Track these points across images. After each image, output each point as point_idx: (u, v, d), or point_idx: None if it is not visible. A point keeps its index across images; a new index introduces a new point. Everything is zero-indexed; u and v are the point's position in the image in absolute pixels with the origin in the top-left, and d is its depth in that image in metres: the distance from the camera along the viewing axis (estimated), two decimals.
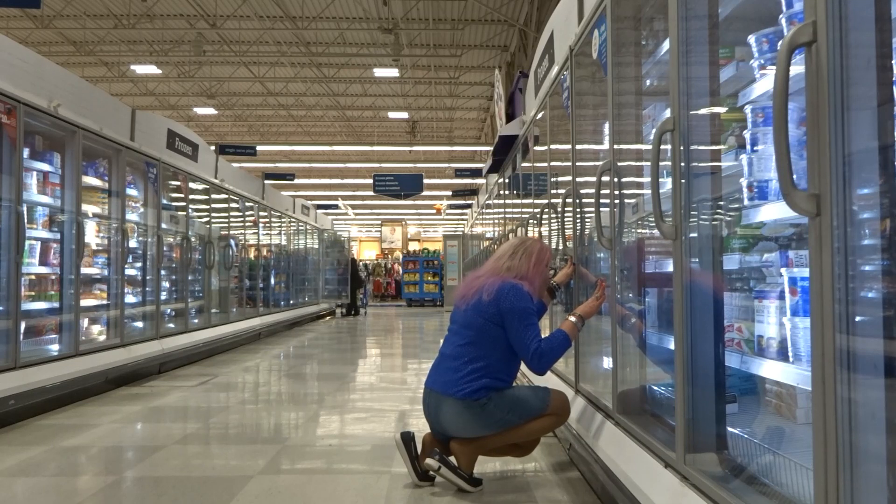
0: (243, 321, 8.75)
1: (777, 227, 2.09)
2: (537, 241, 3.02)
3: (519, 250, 2.91)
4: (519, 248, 2.93)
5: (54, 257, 4.73)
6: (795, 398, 1.98)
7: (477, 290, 2.76)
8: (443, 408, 2.68)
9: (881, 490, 1.15)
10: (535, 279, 2.87)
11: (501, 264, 2.88)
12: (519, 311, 2.66)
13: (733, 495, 1.59)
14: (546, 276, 3.01)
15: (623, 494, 2.12)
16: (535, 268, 2.87)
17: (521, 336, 2.66)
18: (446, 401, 2.66)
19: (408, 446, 2.74)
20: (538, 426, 2.72)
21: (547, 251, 2.99)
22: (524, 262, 2.86)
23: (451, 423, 2.68)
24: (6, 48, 4.15)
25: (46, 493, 2.71)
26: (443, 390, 2.68)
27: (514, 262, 2.87)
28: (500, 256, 2.93)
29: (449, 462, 2.64)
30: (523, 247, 2.93)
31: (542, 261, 2.92)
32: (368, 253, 32.50)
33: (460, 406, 2.63)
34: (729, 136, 2.17)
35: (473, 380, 2.63)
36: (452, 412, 2.65)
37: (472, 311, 2.73)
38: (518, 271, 2.84)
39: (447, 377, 2.69)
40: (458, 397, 2.63)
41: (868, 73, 1.18)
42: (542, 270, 2.93)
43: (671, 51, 1.94)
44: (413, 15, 13.37)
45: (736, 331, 2.04)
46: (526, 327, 2.66)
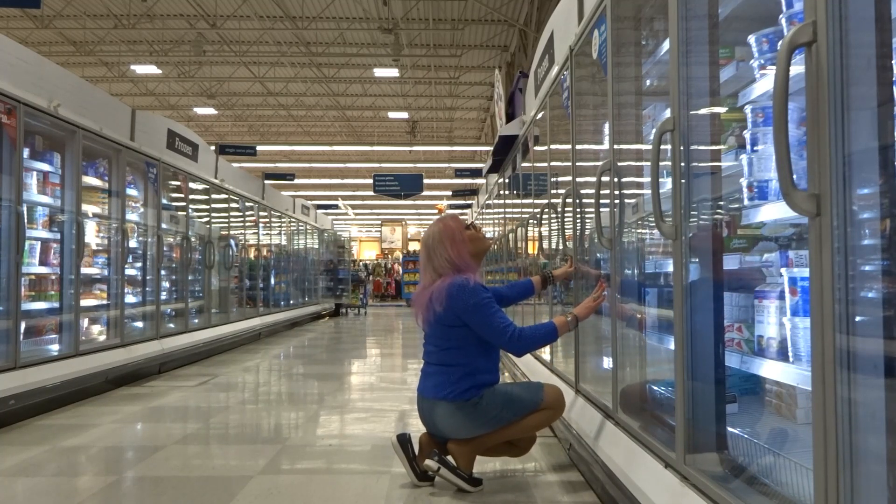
0: (243, 321, 8.75)
1: (777, 227, 2.09)
2: (436, 224, 2.85)
3: (431, 249, 2.78)
4: (429, 247, 2.80)
5: (54, 257, 4.72)
6: (795, 398, 1.98)
7: (428, 305, 2.71)
8: (436, 412, 2.69)
9: (881, 490, 1.15)
10: (464, 256, 2.76)
11: (431, 272, 2.78)
12: (473, 307, 2.63)
13: (733, 495, 1.59)
14: (475, 241, 2.86)
15: (623, 494, 2.12)
16: (454, 249, 2.74)
17: (489, 327, 2.64)
18: (439, 405, 2.68)
19: (405, 448, 2.74)
20: (534, 421, 2.73)
21: (449, 224, 2.81)
22: (442, 254, 2.74)
23: (447, 426, 2.69)
24: (6, 48, 4.15)
25: (46, 493, 2.71)
26: (434, 395, 2.69)
27: (437, 262, 2.76)
28: (424, 267, 2.83)
29: (448, 462, 2.64)
30: (431, 243, 2.79)
31: (453, 238, 2.76)
32: (368, 253, 32.50)
33: (453, 408, 2.65)
34: (729, 136, 2.17)
35: (460, 380, 2.65)
36: (446, 415, 2.66)
37: (435, 324, 2.71)
38: (448, 266, 2.73)
39: (436, 381, 2.71)
40: (449, 400, 2.65)
41: (868, 73, 1.18)
42: (461, 243, 2.77)
43: (671, 51, 1.95)
44: (413, 15, 13.37)
45: (736, 331, 2.04)
46: (489, 317, 2.64)
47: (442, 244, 2.76)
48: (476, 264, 2.80)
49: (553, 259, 4.20)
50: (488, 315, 2.64)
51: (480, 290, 2.68)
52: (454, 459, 2.66)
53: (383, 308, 20.18)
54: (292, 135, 22.93)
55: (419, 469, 2.71)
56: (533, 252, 5.31)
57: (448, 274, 2.72)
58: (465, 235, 2.81)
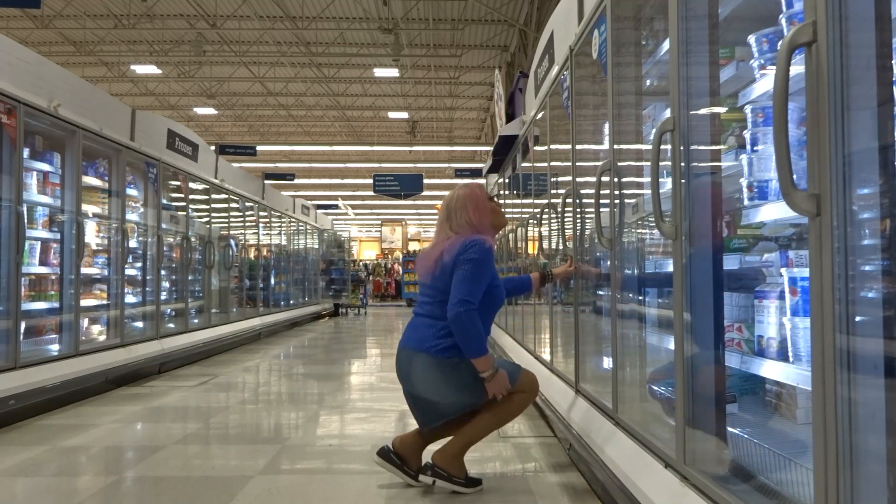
0: (243, 321, 8.75)
1: (777, 227, 2.10)
2: (462, 188, 2.85)
3: (453, 210, 2.77)
4: (451, 208, 2.78)
5: (54, 257, 4.72)
6: (795, 398, 1.98)
7: (437, 257, 2.67)
8: (414, 364, 2.65)
9: (881, 490, 1.15)
10: (484, 223, 2.75)
11: (447, 231, 2.76)
12: (471, 262, 2.57)
13: (733, 495, 1.59)
14: (496, 213, 2.85)
15: (623, 494, 2.12)
16: (476, 213, 2.73)
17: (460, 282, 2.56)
18: (418, 356, 2.64)
19: (388, 458, 2.74)
20: (510, 407, 2.70)
21: (475, 191, 2.82)
22: (463, 216, 2.73)
23: (422, 381, 2.65)
24: (6, 48, 4.15)
25: (46, 493, 2.71)
26: (416, 347, 2.66)
27: (457, 222, 2.74)
28: (441, 225, 2.81)
29: (440, 473, 2.63)
30: (454, 204, 2.78)
31: (477, 203, 2.76)
32: (368, 253, 32.50)
33: (432, 363, 2.61)
34: (729, 136, 2.17)
35: (446, 336, 2.60)
36: (424, 369, 2.63)
37: (439, 275, 2.65)
38: (466, 227, 2.72)
39: (420, 334, 2.67)
40: (430, 353, 2.61)
41: (868, 73, 1.18)
42: (484, 211, 2.76)
43: (671, 51, 1.95)
44: (413, 15, 13.37)
45: (736, 331, 2.04)
46: (470, 279, 2.55)
47: (465, 207, 2.74)
48: (492, 235, 2.76)
49: (553, 259, 4.20)
50: (472, 277, 2.56)
51: (491, 261, 2.63)
52: (445, 469, 2.65)
53: (383, 308, 20.19)
54: (292, 135, 22.93)
55: (412, 470, 2.71)
56: (533, 252, 5.31)
57: (465, 233, 2.70)
58: (488, 205, 2.80)
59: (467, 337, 2.54)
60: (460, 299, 2.53)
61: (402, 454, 2.74)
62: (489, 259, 2.63)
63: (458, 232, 2.72)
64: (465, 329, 2.53)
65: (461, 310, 2.52)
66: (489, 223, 2.79)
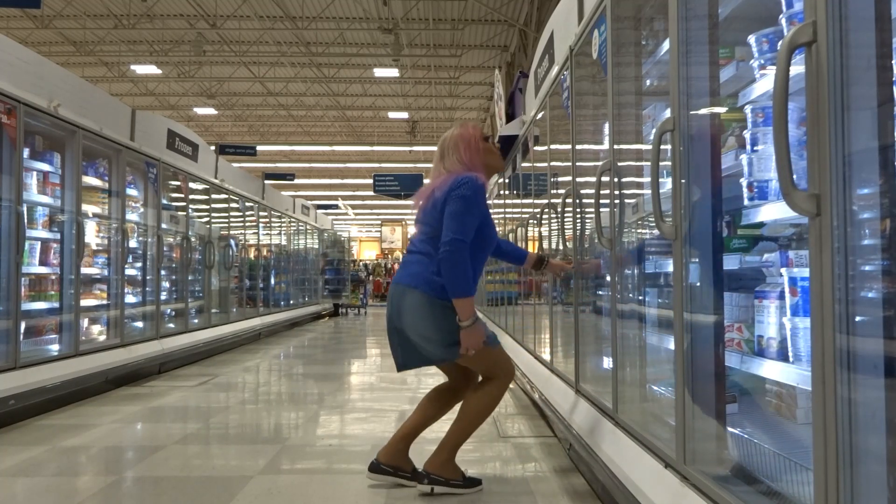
0: (243, 321, 8.75)
1: (777, 227, 2.10)
2: (455, 128, 2.80)
3: (445, 149, 2.73)
4: (444, 147, 2.74)
5: (54, 257, 4.73)
6: (795, 398, 1.98)
7: (429, 195, 2.63)
8: (406, 299, 2.59)
9: (881, 490, 1.15)
10: (476, 162, 2.69)
11: (441, 171, 2.71)
12: (462, 198, 2.51)
13: (733, 495, 1.59)
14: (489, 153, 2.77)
15: (623, 495, 2.12)
16: (467, 152, 2.68)
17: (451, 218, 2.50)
18: (411, 293, 2.58)
19: (381, 471, 2.73)
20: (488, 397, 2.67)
21: (468, 130, 2.76)
22: (454, 154, 2.69)
23: (409, 318, 2.58)
24: (6, 48, 4.15)
25: (46, 493, 2.71)
26: (408, 283, 2.60)
27: (449, 162, 2.70)
28: (436, 165, 2.76)
29: (437, 479, 2.62)
30: (446, 143, 2.74)
31: (469, 143, 2.71)
32: (368, 253, 32.51)
33: (423, 300, 2.55)
34: (729, 136, 2.17)
35: (439, 274, 2.53)
36: (414, 306, 2.56)
37: (430, 210, 2.61)
38: (458, 166, 2.66)
39: (414, 270, 2.62)
40: (422, 291, 2.55)
41: (868, 73, 1.18)
42: (476, 151, 2.71)
43: (671, 51, 1.95)
44: (413, 15, 13.37)
45: (736, 331, 2.04)
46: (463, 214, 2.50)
47: (457, 147, 2.70)
48: (486, 176, 2.70)
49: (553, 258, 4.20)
50: (463, 213, 2.51)
51: (481, 194, 2.57)
52: (440, 475, 2.64)
53: (383, 308, 20.14)
54: (292, 135, 22.93)
55: (407, 472, 2.71)
56: (533, 252, 5.31)
57: (457, 172, 2.64)
58: (481, 145, 2.74)
59: (455, 275, 2.48)
60: (452, 237, 2.47)
61: (391, 464, 2.73)
62: (481, 196, 2.58)
63: (450, 171, 2.67)
64: (453, 266, 2.47)
65: (451, 248, 2.46)
66: (481, 162, 2.72)
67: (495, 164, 2.83)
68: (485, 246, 2.69)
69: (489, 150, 2.79)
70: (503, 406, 4.48)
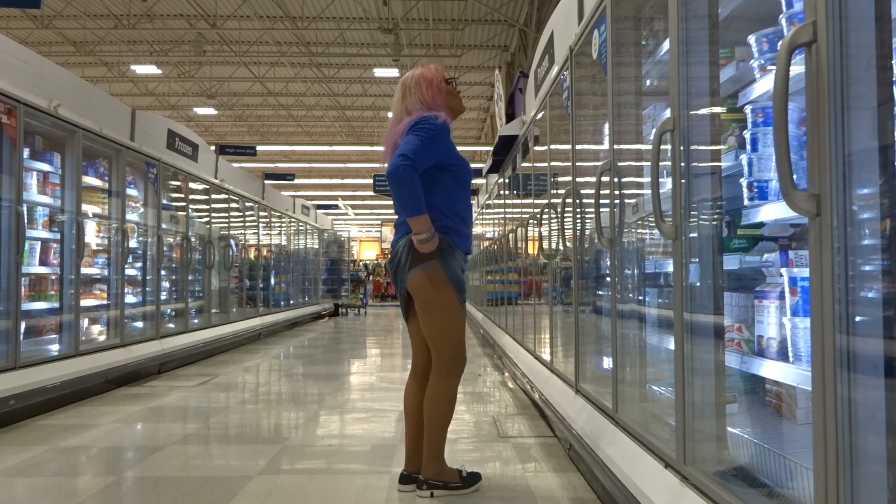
0: (243, 321, 8.75)
1: (777, 227, 2.10)
2: (416, 68, 2.73)
3: (407, 88, 2.66)
4: (405, 86, 2.68)
5: (54, 257, 4.73)
6: (795, 398, 1.99)
7: (393, 143, 2.57)
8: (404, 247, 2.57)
9: (881, 490, 1.15)
10: (438, 102, 2.63)
11: (401, 112, 2.64)
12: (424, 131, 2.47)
13: (733, 495, 1.59)
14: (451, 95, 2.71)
15: (623, 495, 2.12)
16: (429, 91, 2.63)
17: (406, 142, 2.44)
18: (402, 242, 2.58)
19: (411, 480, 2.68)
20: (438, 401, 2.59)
21: (431, 70, 2.70)
22: (416, 93, 2.63)
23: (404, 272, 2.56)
24: (6, 48, 4.15)
25: (46, 493, 2.71)
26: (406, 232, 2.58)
27: (410, 101, 2.63)
28: (395, 106, 2.69)
29: (434, 483, 2.60)
30: (407, 82, 2.68)
31: (431, 82, 2.65)
32: (368, 253, 32.50)
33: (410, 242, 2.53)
34: (729, 136, 2.17)
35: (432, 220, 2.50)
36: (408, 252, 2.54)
37: None
38: (419, 106, 2.61)
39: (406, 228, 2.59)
40: None
41: (868, 73, 1.18)
42: (437, 91, 2.65)
43: (671, 51, 1.95)
44: (413, 15, 13.38)
45: (736, 331, 2.04)
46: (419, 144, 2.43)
47: (419, 85, 2.65)
48: (448, 117, 2.63)
49: (553, 258, 4.20)
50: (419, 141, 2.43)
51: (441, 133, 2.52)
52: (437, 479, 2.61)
53: (383, 308, 20.18)
54: (292, 135, 22.94)
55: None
56: (533, 252, 5.31)
57: (418, 112, 2.59)
58: (443, 86, 2.69)
59: (403, 192, 2.40)
60: (400, 153, 2.40)
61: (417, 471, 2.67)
62: (441, 134, 2.53)
63: (411, 112, 2.61)
64: (401, 184, 2.39)
65: (399, 163, 2.37)
66: (443, 103, 2.66)
67: (457, 106, 2.77)
68: (464, 186, 2.66)
69: (451, 91, 2.73)
70: (503, 406, 4.48)
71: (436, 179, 2.56)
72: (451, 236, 2.57)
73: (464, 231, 2.64)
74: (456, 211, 2.62)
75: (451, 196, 2.60)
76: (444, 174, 2.58)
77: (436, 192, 2.56)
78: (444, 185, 2.58)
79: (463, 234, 2.63)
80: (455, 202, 2.61)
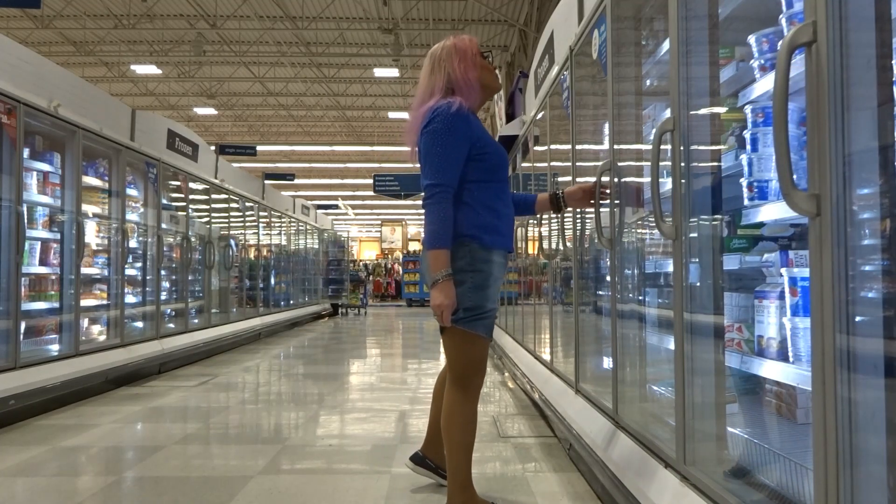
0: (243, 321, 8.75)
1: (777, 227, 2.10)
2: (449, 38, 2.41)
3: (437, 60, 2.37)
4: (434, 58, 2.38)
5: (54, 257, 4.73)
6: (795, 398, 1.98)
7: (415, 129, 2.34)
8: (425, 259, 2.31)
9: (881, 490, 1.15)
10: (470, 78, 2.32)
11: (425, 88, 2.37)
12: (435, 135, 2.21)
13: (733, 495, 1.59)
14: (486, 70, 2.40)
15: (623, 495, 2.12)
16: (461, 65, 2.32)
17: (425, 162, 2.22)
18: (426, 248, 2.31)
19: (423, 464, 2.67)
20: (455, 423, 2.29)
21: (465, 41, 2.38)
22: (446, 67, 2.33)
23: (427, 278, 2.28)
24: (6, 48, 4.15)
25: (46, 493, 2.71)
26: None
27: (437, 77, 2.34)
28: (424, 82, 2.40)
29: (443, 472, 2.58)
30: (439, 53, 2.38)
31: (465, 54, 2.34)
32: (368, 253, 32.51)
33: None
34: (729, 136, 2.17)
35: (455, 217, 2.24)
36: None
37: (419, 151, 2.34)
38: (443, 84, 2.32)
39: None
40: None
41: (868, 73, 1.18)
42: (472, 66, 2.34)
43: (671, 51, 1.95)
44: (413, 15, 13.38)
45: (736, 331, 2.04)
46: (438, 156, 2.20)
47: (450, 58, 2.34)
48: (478, 94, 2.37)
49: (553, 258, 4.20)
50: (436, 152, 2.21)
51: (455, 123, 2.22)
52: None
53: (383, 308, 20.18)
54: (292, 135, 22.94)
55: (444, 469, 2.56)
56: (533, 252, 5.32)
57: (438, 95, 2.32)
58: (478, 59, 2.38)
59: (433, 222, 2.19)
60: (428, 183, 2.20)
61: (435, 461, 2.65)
62: (457, 126, 2.22)
63: (433, 92, 2.34)
64: (431, 218, 2.20)
65: (429, 194, 2.19)
66: (476, 79, 2.35)
67: (492, 83, 2.44)
68: (494, 176, 2.33)
69: (486, 66, 2.41)
70: (503, 406, 4.48)
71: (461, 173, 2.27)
72: (481, 238, 2.25)
73: (497, 226, 2.30)
74: (486, 203, 2.29)
75: (479, 188, 2.29)
76: (470, 165, 2.27)
77: (462, 187, 2.26)
78: (470, 177, 2.27)
79: (496, 231, 2.30)
80: (485, 194, 2.29)
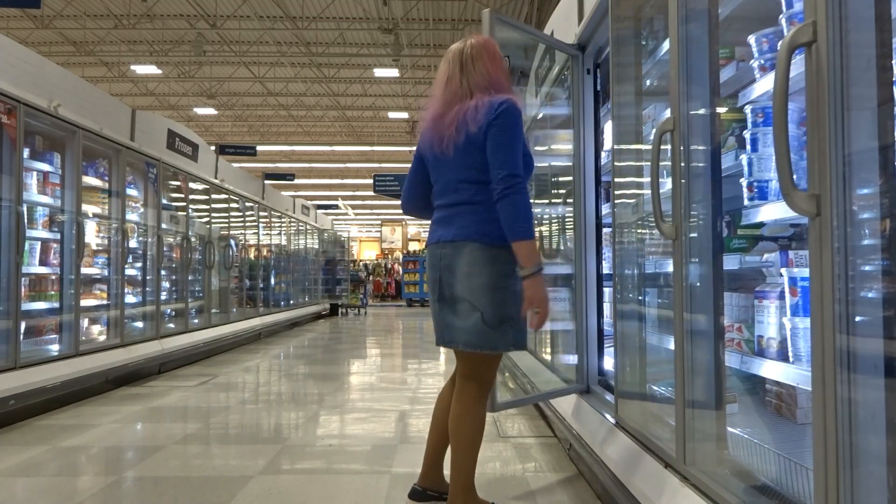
0: (243, 321, 8.75)
1: (777, 227, 2.10)
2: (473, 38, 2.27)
3: (468, 59, 2.20)
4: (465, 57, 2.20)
5: (54, 257, 4.73)
6: (795, 398, 1.99)
7: (453, 121, 2.13)
8: (460, 259, 2.11)
9: (881, 490, 1.15)
10: (503, 79, 2.22)
11: (459, 87, 2.18)
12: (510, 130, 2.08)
13: (733, 495, 1.59)
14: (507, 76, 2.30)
15: (623, 494, 2.12)
16: (494, 66, 2.20)
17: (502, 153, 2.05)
18: (467, 247, 2.11)
19: (424, 498, 2.39)
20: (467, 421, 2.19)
21: (492, 43, 2.27)
22: (481, 69, 2.18)
23: (466, 277, 2.10)
24: (7, 48, 4.15)
25: (46, 493, 2.71)
26: (464, 236, 2.12)
27: (474, 77, 2.17)
28: (451, 80, 2.20)
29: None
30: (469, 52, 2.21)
31: (495, 56, 2.23)
32: (368, 253, 32.51)
33: (486, 255, 2.09)
34: (729, 136, 2.18)
35: (493, 220, 2.08)
36: (477, 262, 2.09)
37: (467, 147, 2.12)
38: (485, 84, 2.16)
39: (462, 221, 2.14)
40: (484, 243, 2.09)
41: (868, 73, 1.18)
42: (500, 68, 2.23)
43: (671, 51, 1.95)
44: (413, 15, 13.38)
45: (736, 331, 2.04)
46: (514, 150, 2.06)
47: (482, 58, 2.19)
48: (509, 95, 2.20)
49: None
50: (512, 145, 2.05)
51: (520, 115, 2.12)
52: None
53: (383, 308, 20.18)
54: (292, 135, 22.94)
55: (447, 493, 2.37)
56: None
57: (484, 94, 2.14)
58: (504, 61, 2.28)
59: (517, 214, 2.03)
60: (508, 173, 2.03)
61: (433, 488, 2.40)
62: (521, 121, 2.14)
63: (474, 91, 2.16)
64: (516, 207, 2.03)
65: (512, 183, 2.03)
66: (508, 83, 2.24)
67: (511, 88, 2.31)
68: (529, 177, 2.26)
69: (507, 73, 2.32)
70: None
71: None
72: None
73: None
74: None
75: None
76: None
77: None
78: None
79: None
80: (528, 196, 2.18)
